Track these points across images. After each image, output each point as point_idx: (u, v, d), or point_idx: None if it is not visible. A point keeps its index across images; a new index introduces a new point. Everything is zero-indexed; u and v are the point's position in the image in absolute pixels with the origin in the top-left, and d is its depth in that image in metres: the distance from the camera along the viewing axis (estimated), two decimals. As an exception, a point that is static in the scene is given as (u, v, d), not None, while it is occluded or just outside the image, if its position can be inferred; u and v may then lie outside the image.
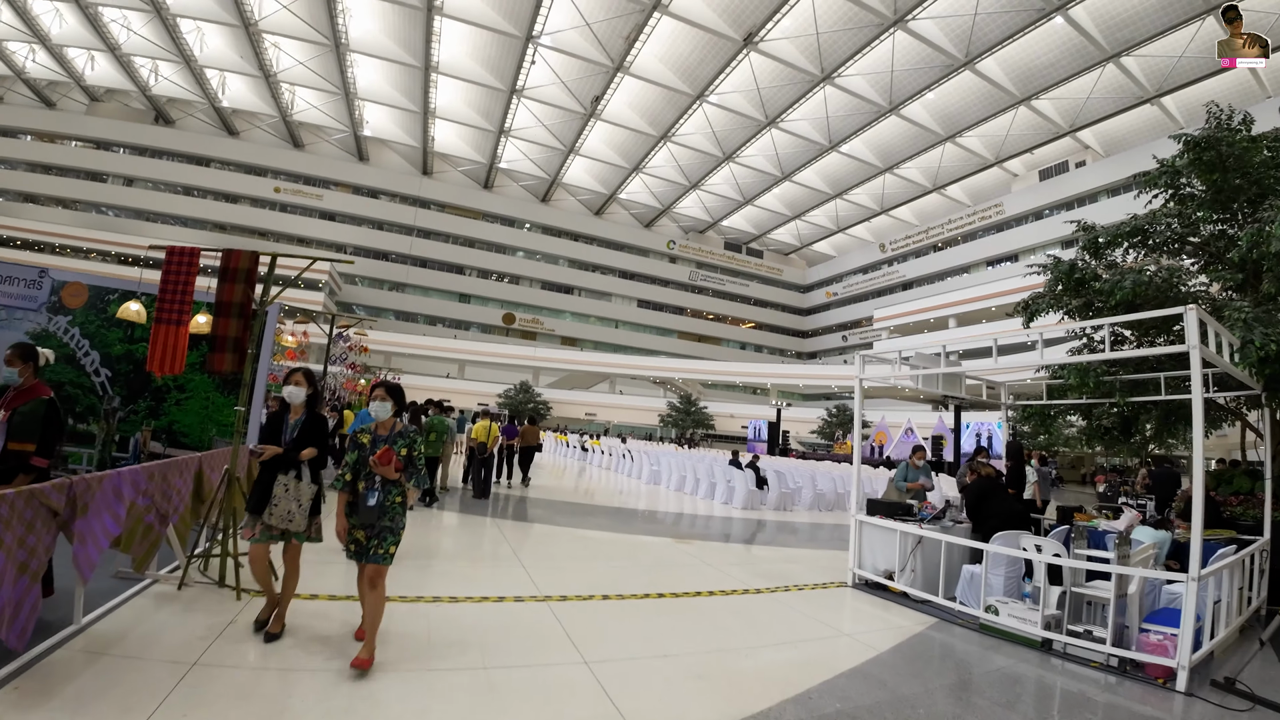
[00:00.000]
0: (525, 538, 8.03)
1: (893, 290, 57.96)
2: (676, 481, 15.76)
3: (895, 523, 6.34)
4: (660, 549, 8.04)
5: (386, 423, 3.86)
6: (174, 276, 4.43)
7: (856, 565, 6.68)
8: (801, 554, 8.70)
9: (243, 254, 4.58)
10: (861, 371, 7.16)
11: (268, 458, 3.93)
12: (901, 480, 8.12)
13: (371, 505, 3.59)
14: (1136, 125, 39.65)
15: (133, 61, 43.91)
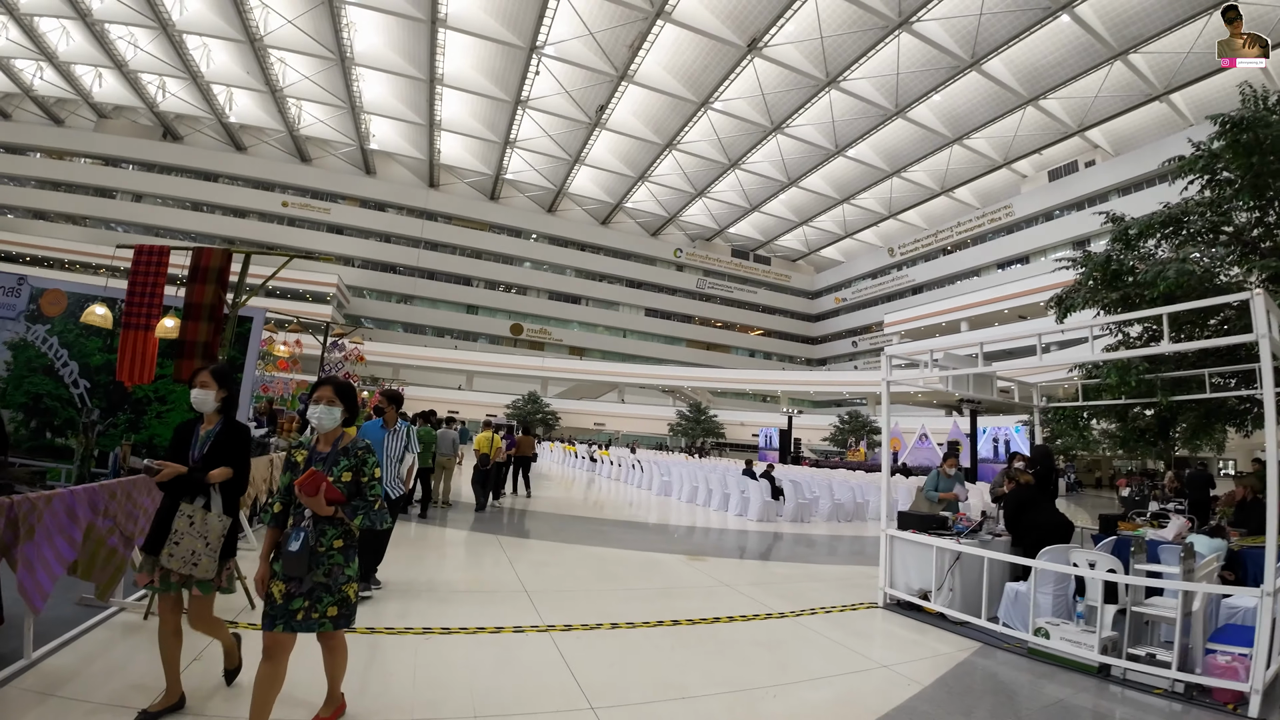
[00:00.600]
0: (528, 556, 7.58)
1: (902, 295, 57.38)
2: (688, 493, 15.27)
3: (930, 537, 5.82)
4: (673, 567, 7.56)
5: (330, 435, 2.89)
6: (142, 278, 4.09)
7: (888, 584, 6.15)
8: (824, 570, 8.20)
9: (214, 252, 4.22)
10: (888, 373, 6.65)
11: (166, 478, 2.95)
12: (933, 490, 7.52)
13: (293, 551, 2.63)
14: (1146, 123, 39.21)
15: (140, 78, 44.21)
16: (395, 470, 5.29)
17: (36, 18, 37.77)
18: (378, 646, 4.07)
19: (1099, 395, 8.09)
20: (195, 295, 4.13)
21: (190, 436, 3.16)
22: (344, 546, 2.79)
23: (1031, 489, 5.92)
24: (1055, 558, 4.88)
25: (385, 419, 5.32)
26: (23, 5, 36.13)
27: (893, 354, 6.81)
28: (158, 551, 2.97)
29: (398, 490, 5.24)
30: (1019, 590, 5.11)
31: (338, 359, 9.30)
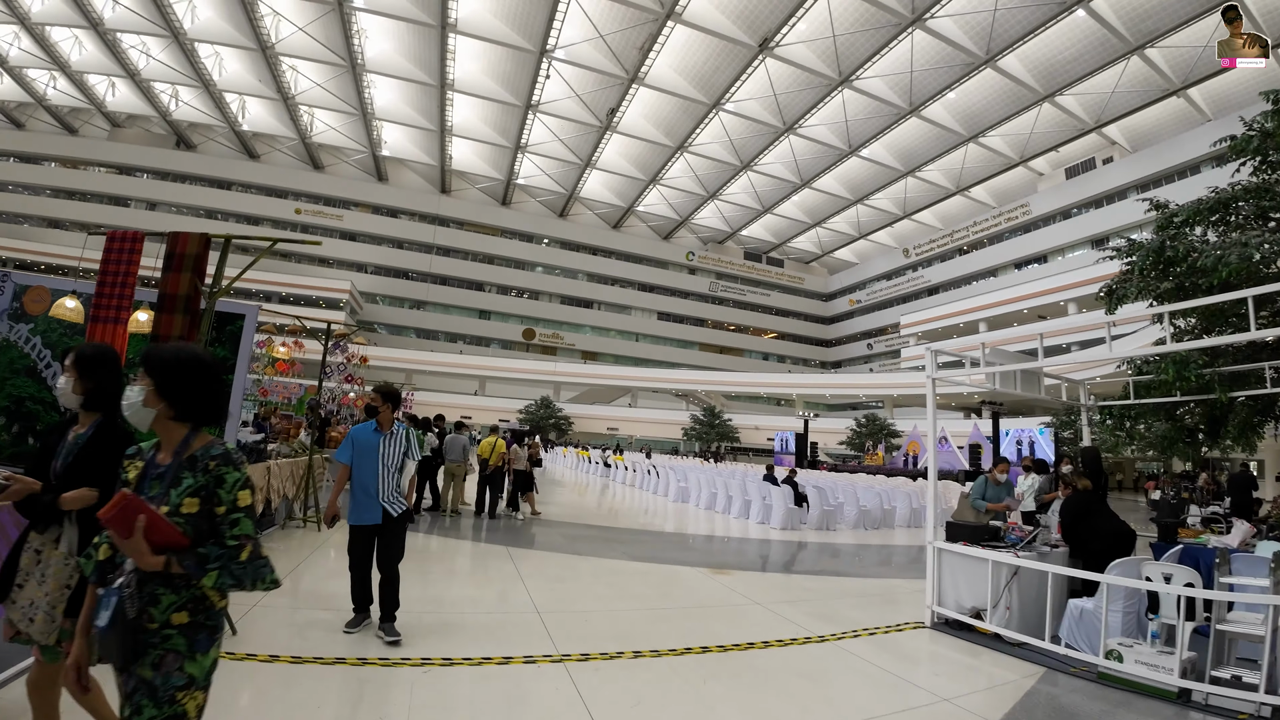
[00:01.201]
0: (540, 570, 6.99)
1: (918, 296, 56.65)
2: (706, 499, 14.73)
3: (985, 551, 5.31)
4: (697, 583, 6.97)
5: (170, 438, 1.81)
6: (114, 267, 3.72)
7: (936, 602, 5.61)
8: (860, 585, 7.63)
9: (191, 237, 3.84)
10: (934, 370, 6.10)
11: (12, 498, 2.24)
12: (980, 498, 6.89)
13: (100, 627, 1.63)
14: (1163, 119, 38.62)
15: (153, 87, 44.50)
16: (394, 482, 4.51)
17: (48, 27, 38.08)
18: (367, 683, 3.59)
19: (1148, 392, 7.57)
20: (169, 285, 3.73)
21: (58, 443, 2.31)
22: (189, 624, 1.69)
23: (1090, 495, 5.46)
24: (1126, 571, 4.41)
25: (379, 420, 4.58)
26: (34, 14, 36.44)
27: (937, 350, 6.29)
28: (3, 597, 2.18)
29: (398, 507, 4.46)
30: (1084, 608, 4.64)
31: (339, 361, 8.81)
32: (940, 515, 8.67)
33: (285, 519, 7.67)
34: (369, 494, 4.39)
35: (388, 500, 4.44)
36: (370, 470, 4.42)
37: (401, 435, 4.63)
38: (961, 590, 5.51)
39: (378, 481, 4.42)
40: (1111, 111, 37.38)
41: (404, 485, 4.63)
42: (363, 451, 4.45)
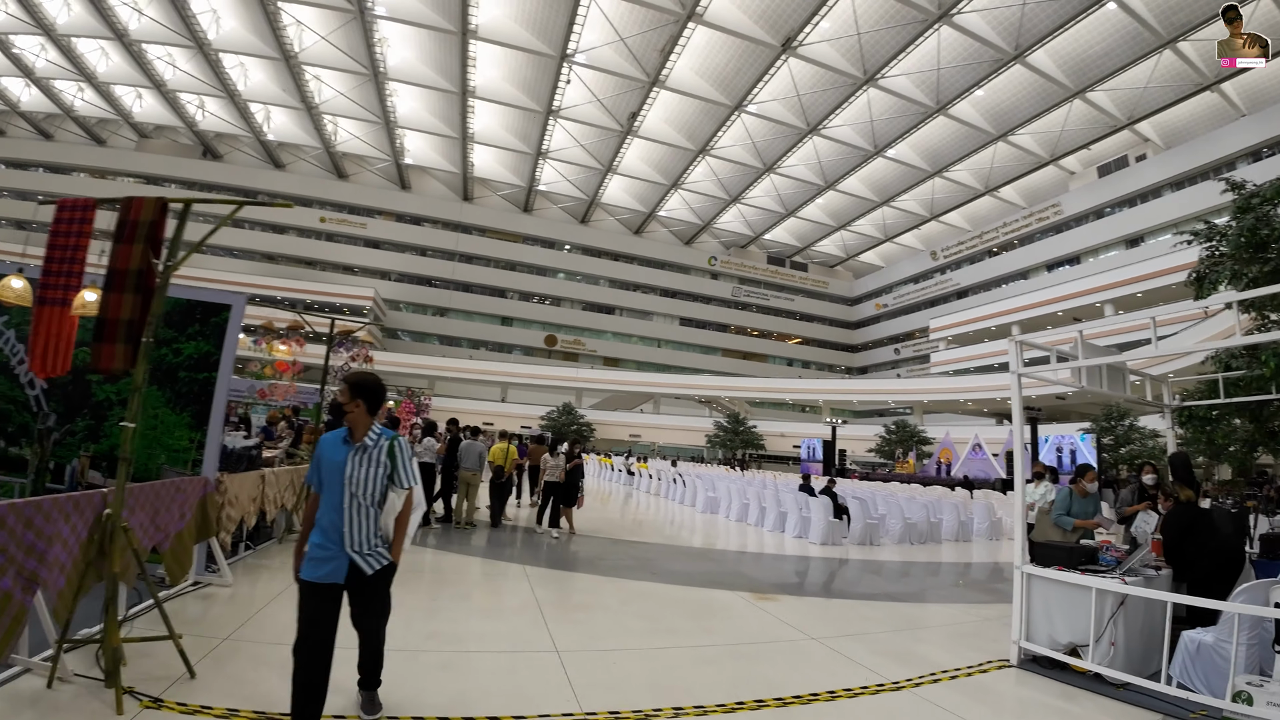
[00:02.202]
0: (560, 596, 6.25)
1: (946, 299, 55.45)
2: (738, 510, 13.97)
3: (1087, 577, 4.57)
4: (740, 611, 6.11)
5: None
6: (63, 240, 3.26)
7: (1023, 636, 4.87)
8: (923, 613, 6.78)
9: (146, 202, 3.36)
10: (1019, 365, 5.38)
11: None
12: (1064, 514, 5.98)
13: None
14: (1197, 114, 37.56)
15: (179, 97, 45.20)
16: (369, 523, 3.01)
17: (74, 39, 38.80)
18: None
19: (1237, 390, 6.89)
20: (120, 259, 3.20)
21: None
22: None
23: (1196, 508, 4.80)
24: (1253, 596, 3.77)
25: (351, 426, 3.08)
26: (60, 26, 37.14)
27: (1023, 341, 5.55)
28: None
29: (375, 560, 3.03)
30: (1201, 641, 3.97)
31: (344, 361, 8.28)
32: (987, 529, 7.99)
33: (284, 531, 7.14)
34: (329, 539, 2.94)
35: (359, 549, 2.96)
36: (333, 502, 2.97)
37: (382, 450, 3.06)
38: (1056, 623, 4.76)
39: (343, 520, 2.94)
40: (1144, 107, 36.37)
41: (387, 527, 3.11)
42: (325, 473, 3.03)
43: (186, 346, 5.05)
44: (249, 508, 5.38)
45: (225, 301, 5.04)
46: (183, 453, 4.93)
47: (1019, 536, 5.13)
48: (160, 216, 3.34)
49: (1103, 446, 23.45)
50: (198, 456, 4.97)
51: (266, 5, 33.81)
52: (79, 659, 3.42)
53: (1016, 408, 5.45)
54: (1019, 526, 5.17)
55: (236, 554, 5.95)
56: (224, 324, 5.01)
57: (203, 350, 5.09)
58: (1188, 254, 32.23)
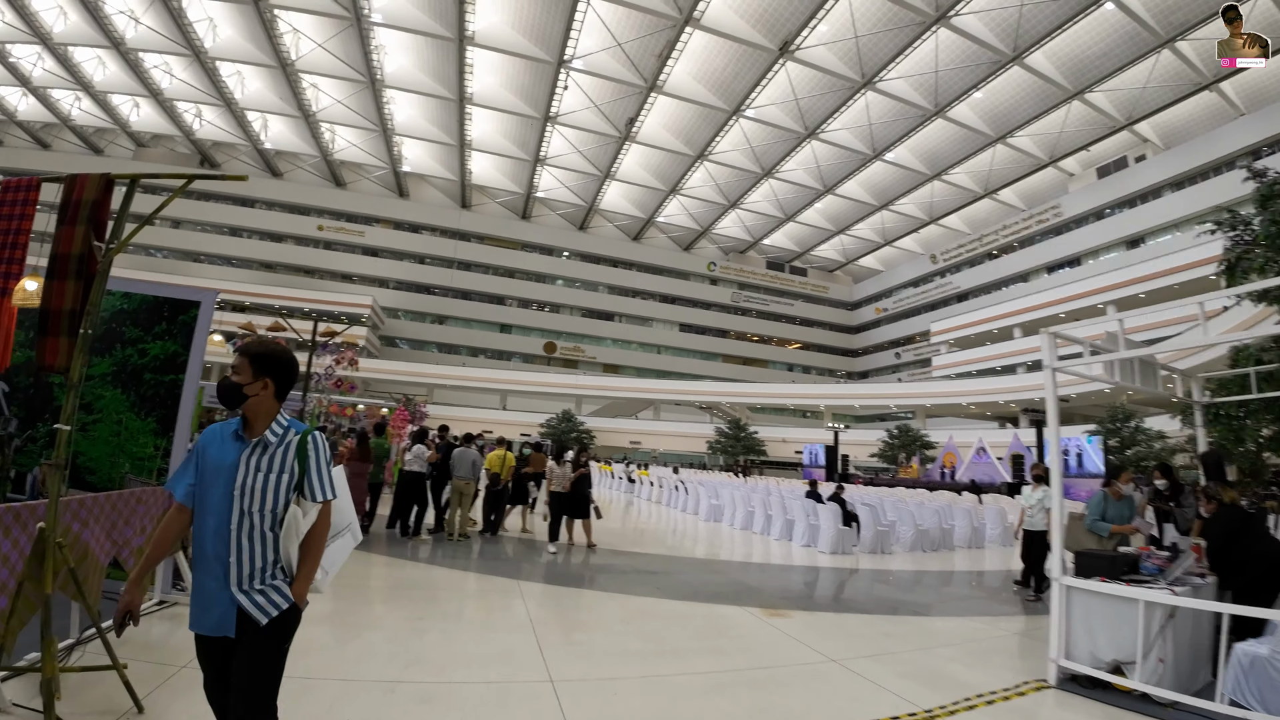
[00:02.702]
0: (556, 615, 5.81)
1: (947, 303, 55.24)
2: (742, 518, 13.49)
3: (1134, 588, 4.23)
4: (752, 629, 5.66)
5: None
6: (4, 224, 2.98)
7: (1063, 654, 4.47)
8: (949, 628, 6.26)
9: (89, 180, 3.09)
10: (1053, 359, 5.02)
11: None
12: (1099, 518, 5.53)
13: None
14: (1196, 113, 37.57)
15: (176, 106, 45.10)
16: (263, 548, 2.16)
17: (71, 47, 38.70)
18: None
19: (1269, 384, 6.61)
20: (63, 242, 2.92)
21: None
22: None
23: (1243, 511, 4.53)
24: None
25: (249, 415, 2.24)
26: (57, 35, 37.04)
27: (1057, 334, 5.19)
28: None
29: (270, 604, 2.15)
30: (1256, 654, 3.66)
31: (327, 364, 7.71)
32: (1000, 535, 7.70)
33: None
34: (210, 573, 2.14)
35: (248, 587, 2.12)
36: (215, 521, 2.14)
37: (289, 449, 2.23)
38: (1098, 639, 4.39)
39: (229, 543, 2.12)
40: (1143, 108, 36.33)
41: (289, 555, 2.23)
42: (207, 480, 2.19)
43: (153, 347, 4.73)
44: None
45: (193, 298, 4.74)
46: (147, 461, 4.63)
47: (1057, 546, 4.78)
48: (104, 195, 3.06)
49: (1109, 449, 23.11)
50: (163, 465, 4.60)
51: (263, 13, 33.74)
52: (21, 687, 3.13)
53: (1051, 404, 5.08)
54: (1056, 535, 4.83)
55: None
56: (192, 322, 4.71)
57: (169, 350, 4.78)
58: (1190, 253, 32.35)
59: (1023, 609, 7.22)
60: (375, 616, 5.26)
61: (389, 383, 44.93)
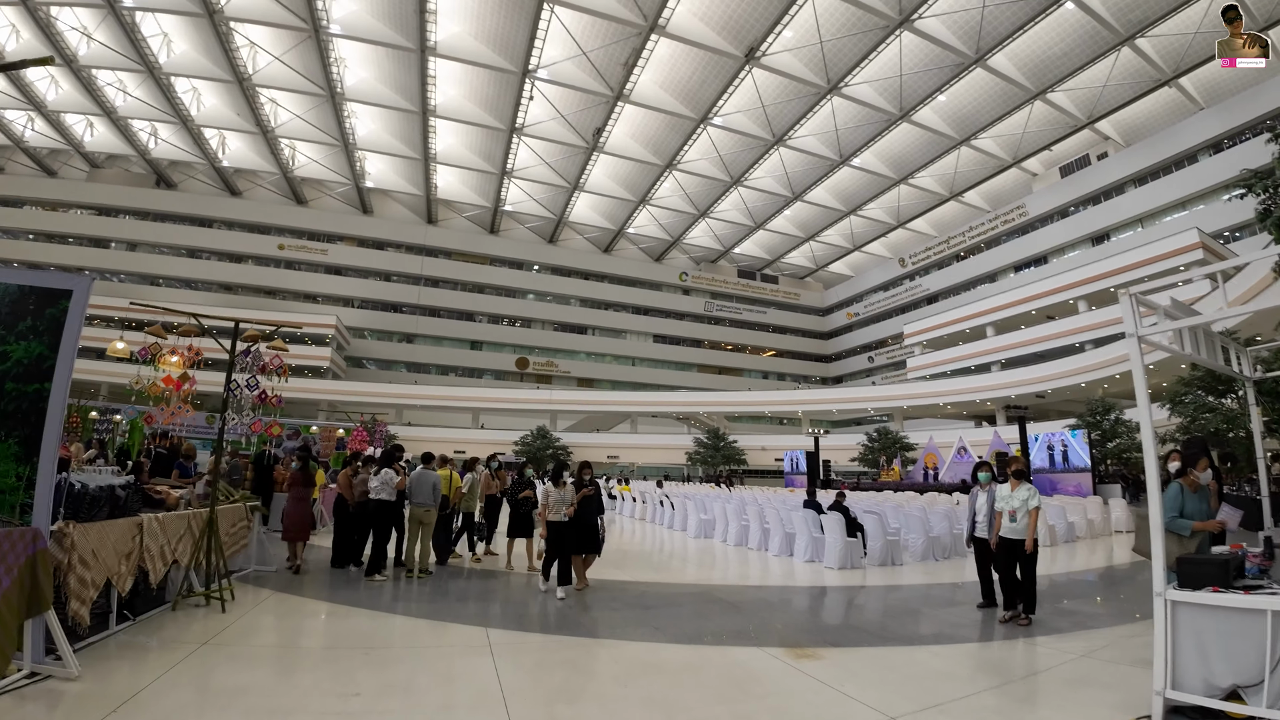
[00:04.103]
0: (533, 679, 4.53)
1: (917, 305, 55.64)
2: (735, 534, 12.52)
3: (1258, 597, 3.53)
4: (778, 679, 4.52)
5: None
6: None
7: (1169, 684, 3.69)
8: (1005, 655, 5.29)
9: None
10: (1137, 325, 4.02)
11: None
12: (1177, 513, 4.43)
13: None
14: (1156, 110, 38.43)
15: (130, 125, 43.64)
16: None
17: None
18: None
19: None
20: None
21: None
22: None
23: None
24: None
25: None
26: (8, 54, 35.59)
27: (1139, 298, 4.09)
28: None
29: None
30: None
31: (248, 377, 6.62)
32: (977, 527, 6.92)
33: (181, 593, 5.51)
34: None
35: None
36: None
37: None
38: (1213, 661, 3.60)
39: None
40: (1104, 106, 37.06)
41: None
42: None
43: (15, 349, 3.83)
44: (118, 567, 4.22)
45: (64, 286, 3.87)
46: (9, 494, 3.71)
47: (1159, 554, 3.95)
48: None
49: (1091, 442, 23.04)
50: (26, 499, 3.68)
51: (218, 26, 32.73)
52: None
53: (1139, 378, 4.10)
54: (1158, 547, 3.97)
55: (105, 629, 4.56)
56: (62, 316, 3.84)
57: (35, 353, 3.89)
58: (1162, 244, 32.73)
59: (1074, 622, 6.29)
60: (295, 697, 3.92)
61: (356, 405, 43.63)
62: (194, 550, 5.41)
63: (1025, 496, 6.31)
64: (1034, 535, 6.19)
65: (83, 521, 4.02)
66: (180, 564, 5.33)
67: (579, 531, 7.41)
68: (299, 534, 8.07)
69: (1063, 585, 8.63)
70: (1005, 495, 6.43)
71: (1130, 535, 14.53)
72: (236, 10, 31.87)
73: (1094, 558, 11.39)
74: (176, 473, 7.49)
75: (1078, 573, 9.96)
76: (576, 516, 7.41)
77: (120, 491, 4.50)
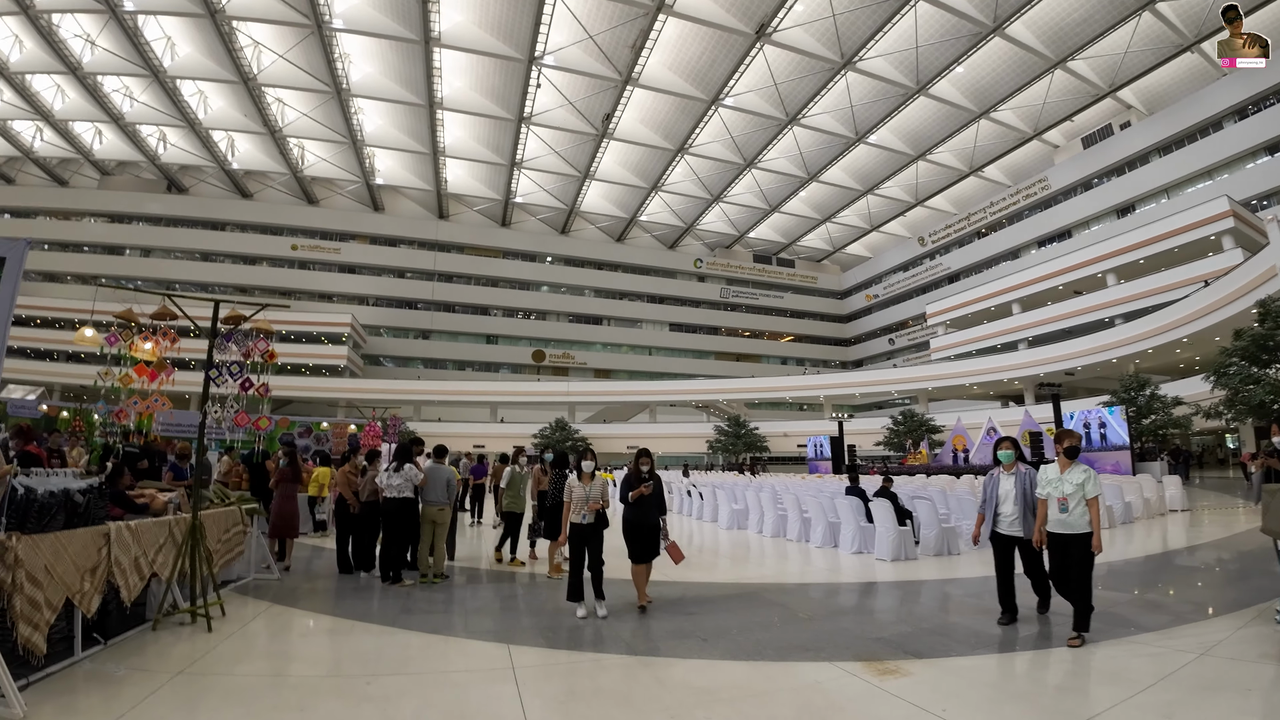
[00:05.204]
0: (567, 709, 3.71)
1: (938, 285, 54.44)
2: (772, 524, 11.62)
3: None
4: (869, 707, 3.66)
5: None
6: None
7: None
8: (1114, 659, 4.33)
9: None
10: None
11: None
12: None
13: None
14: (1178, 77, 37.23)
15: (139, 131, 43.69)
16: None
17: (29, 75, 37.23)
18: None
19: None
20: None
21: None
22: None
23: None
24: None
25: None
26: (13, 64, 35.63)
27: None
28: None
29: None
30: None
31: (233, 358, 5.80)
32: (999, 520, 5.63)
33: (163, 611, 4.88)
34: None
35: None
36: None
37: None
38: None
39: None
40: (1125, 73, 35.81)
41: None
42: None
43: None
44: (79, 584, 3.65)
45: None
46: None
47: None
48: None
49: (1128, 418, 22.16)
50: None
51: (221, 26, 32.47)
52: None
53: None
54: None
55: (71, 655, 3.93)
56: None
57: None
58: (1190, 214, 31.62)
59: (1170, 615, 5.39)
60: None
61: (374, 402, 43.46)
62: (176, 561, 4.82)
63: (1081, 480, 4.88)
64: (1099, 530, 4.83)
65: (31, 533, 3.46)
66: (161, 577, 4.71)
67: (639, 536, 6.11)
68: (286, 530, 7.64)
69: (1136, 573, 7.83)
70: (1053, 479, 5.01)
71: (1186, 514, 13.86)
72: (238, 9, 31.59)
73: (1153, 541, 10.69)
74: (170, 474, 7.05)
75: (1154, 557, 9.19)
76: (637, 519, 6.12)
77: (79, 497, 3.88)
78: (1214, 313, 24.57)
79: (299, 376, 47.88)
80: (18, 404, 19.33)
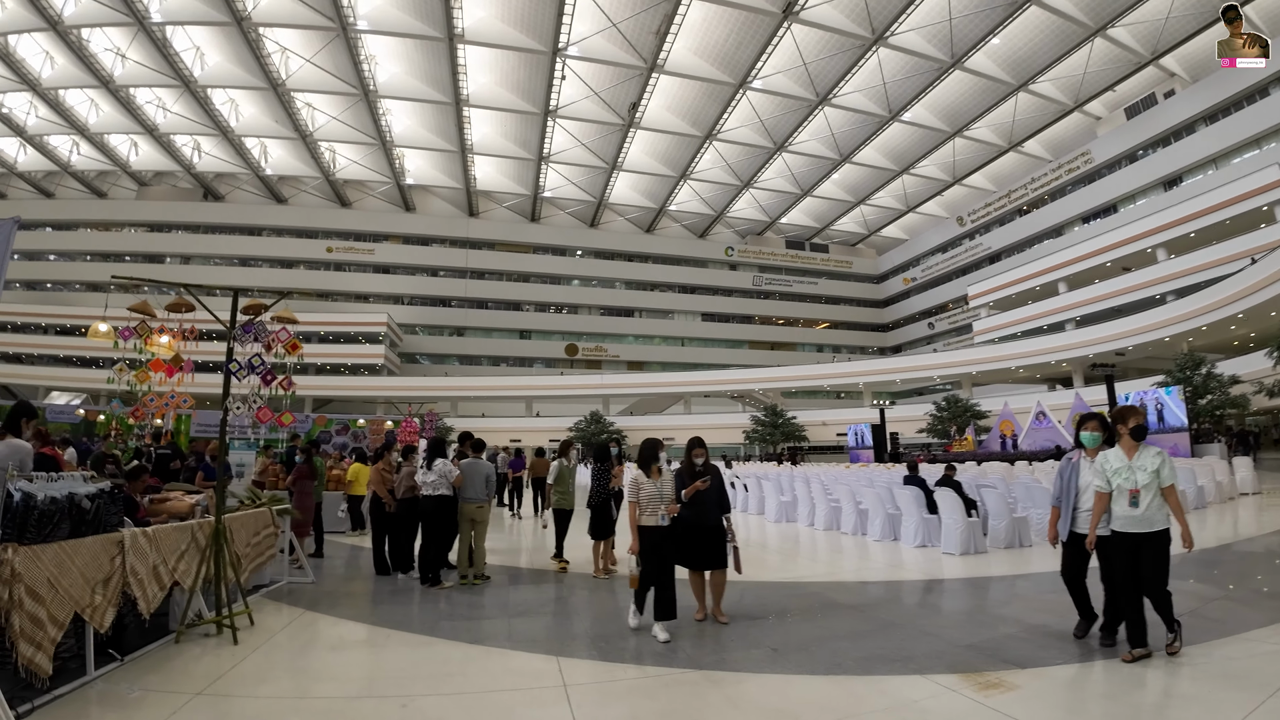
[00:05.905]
0: None
1: (978, 265, 52.75)
2: (825, 516, 11.07)
3: None
4: None
5: None
6: None
7: None
8: (1233, 659, 3.91)
9: None
10: None
11: None
12: None
13: None
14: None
15: (173, 141, 44.64)
16: None
17: (62, 90, 38.21)
18: None
19: None
20: None
21: None
22: None
23: None
24: None
25: None
26: (45, 80, 36.57)
27: None
28: None
29: None
30: None
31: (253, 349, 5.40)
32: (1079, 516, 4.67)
33: (186, 622, 4.58)
34: None
35: None
36: None
37: None
38: None
39: None
40: (1167, 40, 34.09)
41: None
42: None
43: None
44: (89, 598, 3.39)
45: None
46: None
47: None
48: None
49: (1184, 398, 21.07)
50: None
51: (247, 33, 32.85)
52: None
53: None
54: None
55: (84, 674, 3.63)
56: None
57: None
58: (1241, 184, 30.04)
59: None
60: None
61: (412, 399, 43.88)
62: (200, 568, 4.53)
63: (1155, 466, 4.04)
64: (1185, 522, 4.09)
65: (30, 543, 3.20)
66: (183, 586, 4.41)
67: (698, 539, 5.25)
68: (300, 528, 7.53)
69: (1224, 564, 7.14)
70: (1119, 467, 4.13)
71: (1258, 497, 12.99)
72: (264, 15, 31.88)
73: (1232, 527, 9.95)
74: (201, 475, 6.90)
75: (1238, 544, 8.46)
76: (694, 520, 5.24)
77: (87, 502, 3.56)
78: (1270, 286, 23.18)
79: (338, 376, 48.62)
80: (57, 409, 19.78)
